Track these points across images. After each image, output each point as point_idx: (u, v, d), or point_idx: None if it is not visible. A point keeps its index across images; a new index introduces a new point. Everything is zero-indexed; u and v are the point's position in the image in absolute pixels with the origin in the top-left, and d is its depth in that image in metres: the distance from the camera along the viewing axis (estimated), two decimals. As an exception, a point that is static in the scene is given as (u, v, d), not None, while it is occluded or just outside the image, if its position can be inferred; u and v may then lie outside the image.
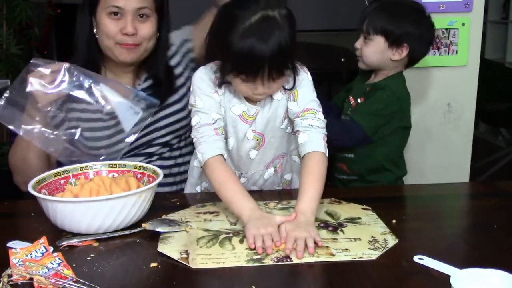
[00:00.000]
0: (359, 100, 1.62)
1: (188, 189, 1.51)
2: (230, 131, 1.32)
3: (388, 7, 1.58)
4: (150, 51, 1.50)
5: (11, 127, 1.34)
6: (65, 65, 1.34)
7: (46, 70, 1.33)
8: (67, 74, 1.34)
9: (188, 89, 1.46)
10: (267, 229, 1.07)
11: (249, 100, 1.29)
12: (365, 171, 1.62)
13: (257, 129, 1.32)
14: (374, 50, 1.58)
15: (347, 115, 1.64)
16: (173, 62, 1.58)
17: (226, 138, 1.32)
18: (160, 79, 1.53)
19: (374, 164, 1.61)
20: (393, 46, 1.55)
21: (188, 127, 1.56)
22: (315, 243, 1.04)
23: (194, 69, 1.48)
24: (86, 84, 1.36)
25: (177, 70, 1.59)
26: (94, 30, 1.46)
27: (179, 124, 1.56)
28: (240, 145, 1.33)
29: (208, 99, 1.27)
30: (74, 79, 1.35)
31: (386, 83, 1.59)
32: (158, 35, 1.51)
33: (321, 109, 1.29)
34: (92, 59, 1.49)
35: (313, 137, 1.24)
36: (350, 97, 1.66)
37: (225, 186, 1.19)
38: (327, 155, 1.24)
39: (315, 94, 1.30)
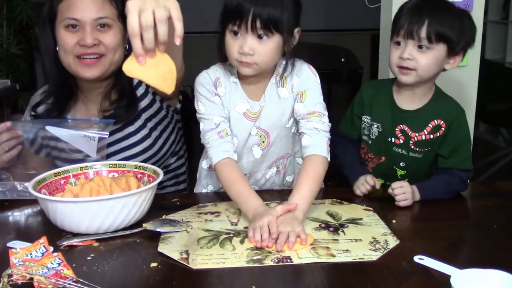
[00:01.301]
0: (423, 136, 1.39)
1: (198, 191, 1.51)
2: (234, 130, 1.32)
3: (446, 9, 1.33)
4: (119, 63, 1.40)
5: None
6: (7, 124, 1.32)
7: None
8: (14, 132, 1.33)
9: (151, 117, 1.49)
10: (263, 220, 1.08)
11: (252, 97, 1.31)
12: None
13: (261, 125, 1.33)
14: (434, 60, 1.32)
15: (411, 150, 1.41)
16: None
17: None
18: (132, 95, 1.45)
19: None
20: (451, 55, 1.34)
21: (162, 153, 1.52)
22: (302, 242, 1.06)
23: (154, 93, 1.48)
24: (32, 134, 1.36)
25: (140, 91, 1.49)
26: (57, 48, 1.40)
27: (145, 155, 1.49)
28: (244, 143, 1.34)
29: (209, 103, 1.30)
30: (21, 133, 1.34)
31: (455, 104, 1.41)
32: (127, 46, 1.44)
33: (326, 113, 1.30)
34: (63, 82, 1.45)
35: (317, 141, 1.25)
36: (404, 127, 1.40)
37: (232, 187, 1.22)
38: (328, 159, 1.25)
39: (322, 97, 1.31)
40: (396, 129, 1.41)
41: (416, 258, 0.99)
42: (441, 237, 1.12)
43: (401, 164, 1.44)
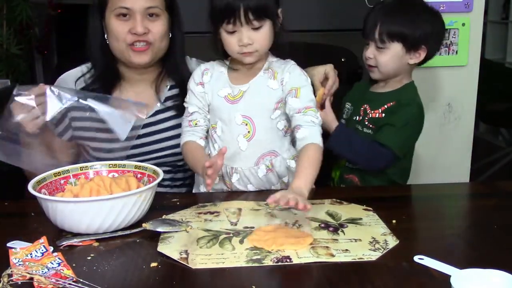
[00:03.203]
0: (377, 114, 1.52)
1: (194, 188, 1.52)
2: (218, 115, 1.39)
3: (398, 9, 1.48)
4: (164, 51, 1.49)
5: (10, 162, 1.33)
6: (47, 87, 1.32)
7: (29, 97, 1.30)
8: (51, 96, 1.32)
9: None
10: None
11: (234, 83, 1.38)
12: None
13: (246, 113, 1.36)
14: (391, 58, 1.48)
15: (365, 126, 1.54)
16: None
17: (214, 124, 1.40)
18: (184, 84, 1.47)
19: (387, 176, 1.53)
20: (410, 51, 1.48)
21: None
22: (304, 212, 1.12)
23: None
24: (72, 101, 1.34)
25: None
26: (105, 36, 1.45)
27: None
28: (228, 129, 1.38)
29: (190, 92, 1.41)
30: (58, 99, 1.32)
31: (411, 98, 1.52)
32: (170, 35, 1.49)
33: (318, 111, 1.37)
34: (109, 67, 1.48)
35: (313, 132, 1.30)
36: (366, 106, 1.55)
37: (191, 155, 1.37)
38: (322, 149, 1.30)
39: (314, 96, 1.38)
40: (361, 108, 1.57)
41: (416, 258, 0.99)
42: (441, 237, 1.12)
43: None
